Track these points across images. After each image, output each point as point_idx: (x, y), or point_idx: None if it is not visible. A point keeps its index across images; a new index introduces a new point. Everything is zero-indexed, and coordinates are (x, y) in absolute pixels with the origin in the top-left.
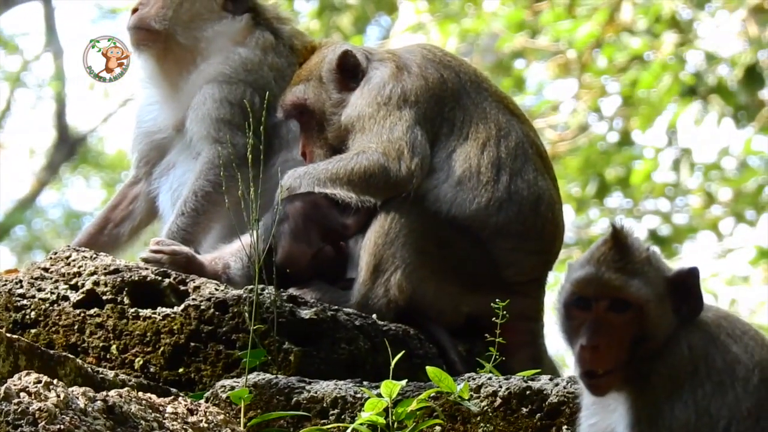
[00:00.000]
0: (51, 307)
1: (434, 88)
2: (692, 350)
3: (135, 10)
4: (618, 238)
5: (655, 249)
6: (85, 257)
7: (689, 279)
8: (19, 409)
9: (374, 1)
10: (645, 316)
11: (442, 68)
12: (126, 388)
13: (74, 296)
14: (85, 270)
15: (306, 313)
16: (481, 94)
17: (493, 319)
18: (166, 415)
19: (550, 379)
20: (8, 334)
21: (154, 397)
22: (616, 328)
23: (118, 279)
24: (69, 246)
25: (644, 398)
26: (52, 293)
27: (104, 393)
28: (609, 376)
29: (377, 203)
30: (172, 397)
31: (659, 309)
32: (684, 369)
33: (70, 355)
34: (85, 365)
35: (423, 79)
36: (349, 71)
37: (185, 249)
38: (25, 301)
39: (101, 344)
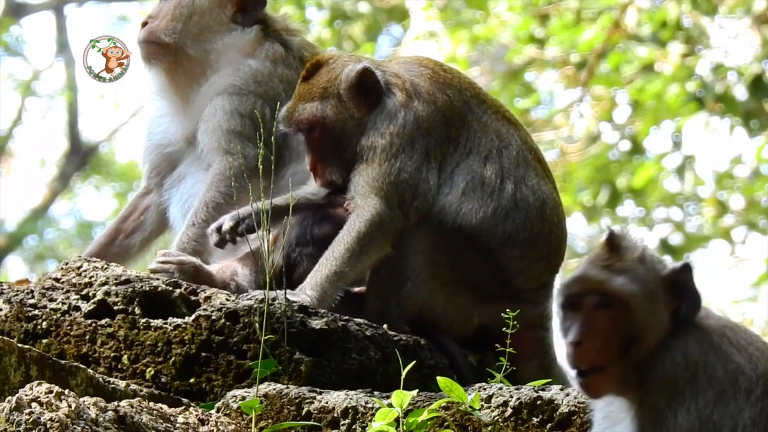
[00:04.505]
0: (62, 318)
1: (443, 111)
2: (687, 357)
3: (145, 24)
4: (611, 240)
5: (652, 248)
6: (97, 267)
7: (683, 275)
8: (31, 419)
9: (385, 9)
10: (632, 312)
11: (446, 88)
12: (137, 398)
13: (85, 306)
14: (96, 280)
15: (317, 324)
16: (481, 107)
17: (503, 329)
18: (177, 425)
19: (561, 389)
20: (20, 345)
21: (165, 407)
22: (603, 325)
23: (129, 289)
24: (80, 256)
25: (645, 406)
26: (63, 303)
27: (115, 403)
28: (599, 374)
29: None
30: (183, 407)
31: (647, 306)
32: (680, 375)
33: (81, 366)
34: (97, 375)
35: (433, 104)
36: (368, 89)
37: (192, 259)
38: (36, 312)
39: (112, 354)
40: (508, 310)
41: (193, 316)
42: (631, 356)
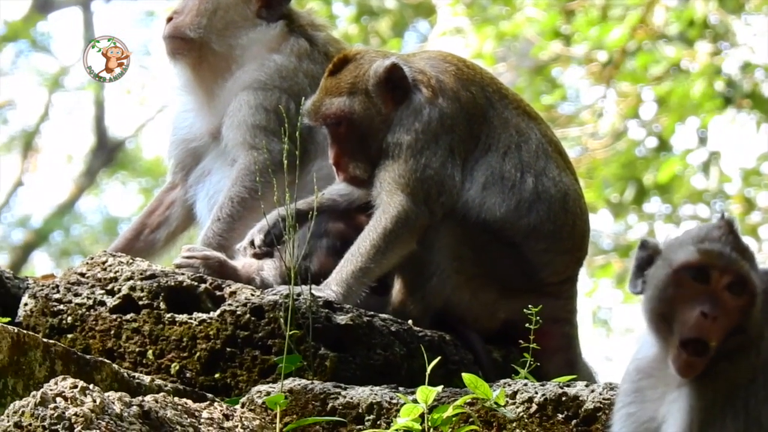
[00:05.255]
0: (87, 312)
1: (466, 108)
2: (759, 358)
3: (170, 19)
4: (731, 226)
5: None
6: (122, 262)
7: None
8: (56, 414)
9: (412, 5)
10: (753, 306)
11: (470, 85)
12: (162, 394)
13: (111, 301)
14: (121, 275)
15: (342, 319)
16: (502, 103)
17: (527, 325)
18: (202, 420)
19: (586, 386)
20: (45, 339)
21: (189, 402)
22: (728, 307)
23: (155, 284)
24: (105, 251)
25: (703, 400)
26: (88, 298)
27: (140, 398)
28: (706, 357)
29: None
30: (207, 402)
31: (760, 305)
32: (745, 375)
33: (106, 360)
34: (121, 370)
35: (457, 101)
36: (396, 85)
37: (217, 254)
38: (61, 306)
39: (137, 349)
40: (531, 306)
41: (218, 311)
42: (728, 348)
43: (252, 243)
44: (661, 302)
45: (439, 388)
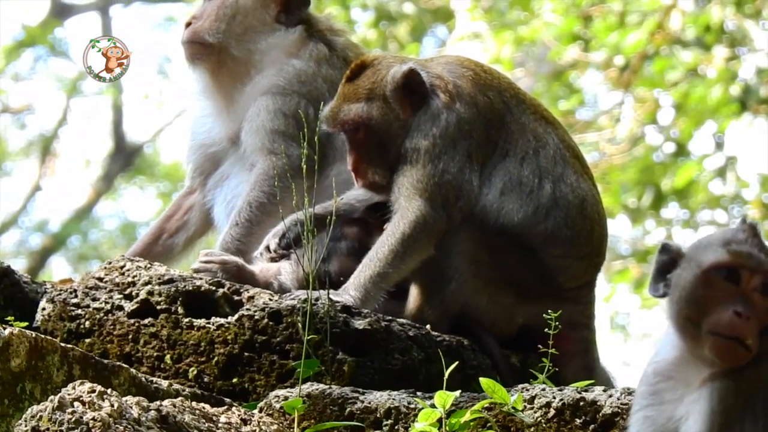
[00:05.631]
0: (105, 317)
1: (484, 112)
2: None
3: (188, 24)
4: (754, 229)
5: None
6: (140, 267)
7: None
8: (73, 419)
9: (430, 10)
10: None
11: (487, 90)
12: (180, 398)
13: (129, 306)
14: (139, 280)
15: (360, 324)
16: (519, 108)
17: (545, 329)
18: (220, 425)
19: (604, 390)
20: (63, 344)
21: (207, 407)
22: (757, 309)
23: (173, 289)
24: (123, 256)
25: (724, 403)
26: (106, 303)
27: (158, 403)
28: (749, 352)
29: None
30: (225, 407)
31: None
32: (766, 379)
33: (124, 365)
34: (139, 375)
35: (474, 106)
36: (414, 90)
37: (235, 258)
38: (79, 311)
39: (155, 354)
40: (550, 310)
41: (236, 316)
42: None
43: (267, 248)
44: (690, 303)
45: (457, 392)
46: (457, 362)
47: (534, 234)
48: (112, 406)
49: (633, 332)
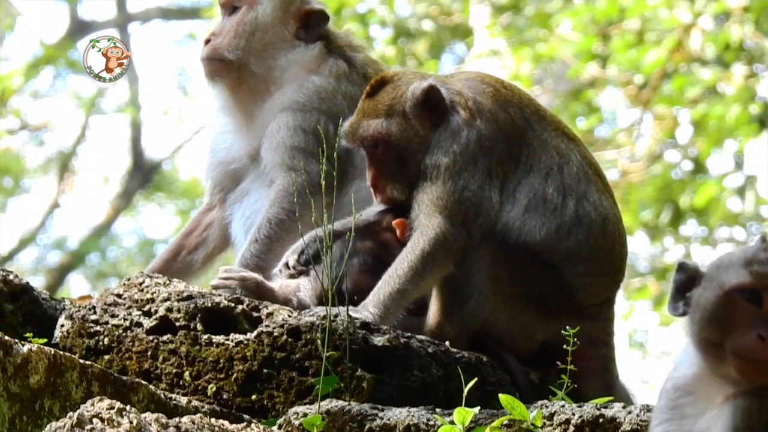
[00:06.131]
0: (124, 334)
1: (504, 129)
2: None
3: (208, 41)
4: None
5: None
6: (159, 283)
7: None
8: None
9: (449, 27)
10: None
11: (508, 106)
12: (198, 415)
13: (147, 322)
14: (158, 296)
15: (379, 340)
16: (541, 124)
17: (564, 346)
18: None
19: (623, 407)
20: (81, 360)
21: (226, 423)
22: None
23: (192, 305)
24: (142, 272)
25: (747, 420)
26: (125, 319)
27: (177, 419)
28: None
29: None
30: (244, 423)
31: None
32: None
33: (143, 382)
34: (158, 392)
35: (494, 122)
36: (434, 107)
37: (254, 275)
38: (98, 327)
39: (174, 371)
40: (568, 327)
41: (255, 333)
42: None
43: (287, 264)
44: (712, 324)
45: (476, 409)
46: (476, 379)
47: (556, 251)
48: (131, 422)
49: (651, 350)
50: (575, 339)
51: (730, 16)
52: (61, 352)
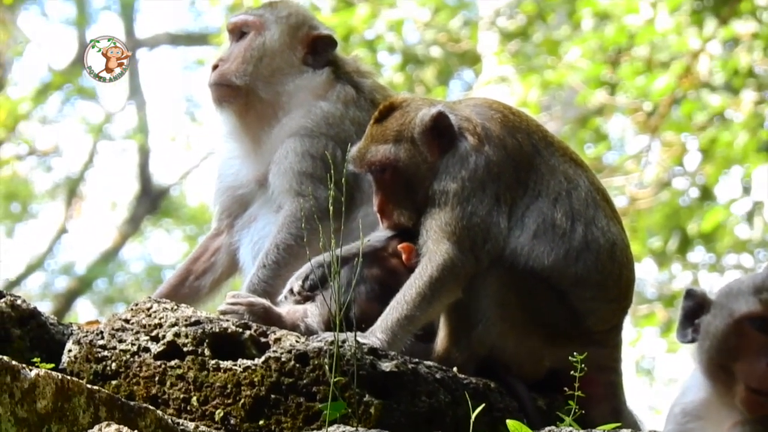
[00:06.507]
0: (132, 359)
1: (512, 155)
2: None
3: (215, 67)
4: None
5: None
6: (166, 309)
7: None
8: None
9: (457, 54)
10: None
11: (516, 132)
12: None
13: (155, 348)
14: (166, 321)
15: (387, 366)
16: (549, 150)
17: (572, 372)
18: None
19: None
20: (89, 385)
21: None
22: None
23: (199, 330)
24: (150, 297)
25: None
26: (132, 344)
27: None
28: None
29: None
30: None
31: None
32: None
33: (150, 407)
34: (166, 417)
35: (503, 148)
36: (442, 133)
37: (262, 300)
38: (106, 353)
39: (182, 396)
40: (576, 353)
41: (262, 358)
42: None
43: (291, 291)
44: (721, 352)
45: None
46: (484, 405)
47: (564, 277)
48: None
49: (659, 377)
50: (583, 365)
51: (738, 43)
52: (69, 377)
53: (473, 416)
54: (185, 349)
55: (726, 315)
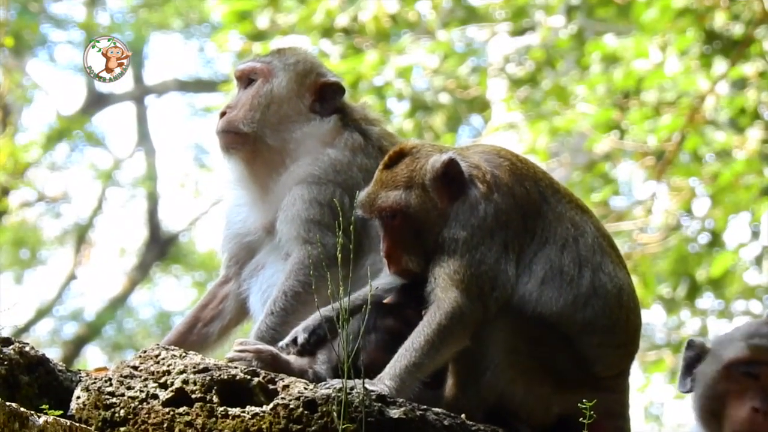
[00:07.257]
0: (140, 405)
1: (521, 202)
2: None
3: (223, 114)
4: None
5: None
6: (175, 356)
7: None
8: None
9: (466, 101)
10: None
11: (524, 180)
12: None
13: (163, 394)
14: (174, 368)
15: (395, 413)
16: (555, 197)
17: (581, 419)
18: None
19: None
20: None
21: None
22: None
23: (208, 377)
24: (158, 344)
25: None
26: (141, 391)
27: None
28: None
29: None
30: None
31: None
32: None
33: None
34: None
35: (512, 196)
36: (453, 180)
37: (270, 348)
38: (114, 399)
39: None
40: (585, 399)
41: (271, 405)
42: None
43: (295, 341)
44: (711, 398)
45: None
46: None
47: (572, 323)
48: None
49: (667, 422)
50: (592, 411)
51: (746, 83)
52: (77, 424)
53: None
54: (194, 396)
55: (716, 362)
